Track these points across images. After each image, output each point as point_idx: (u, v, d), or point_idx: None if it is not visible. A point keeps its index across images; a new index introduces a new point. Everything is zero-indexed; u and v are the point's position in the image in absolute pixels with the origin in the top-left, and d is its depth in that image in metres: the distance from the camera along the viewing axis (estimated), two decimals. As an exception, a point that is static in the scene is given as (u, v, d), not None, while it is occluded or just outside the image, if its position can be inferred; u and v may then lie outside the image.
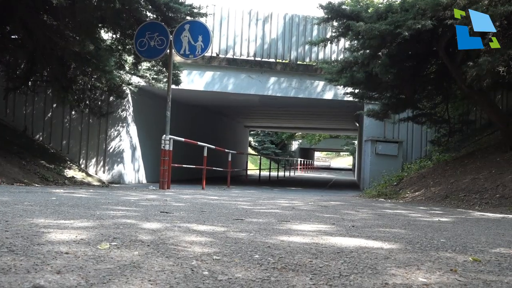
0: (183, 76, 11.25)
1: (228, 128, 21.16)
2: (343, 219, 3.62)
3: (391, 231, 2.92)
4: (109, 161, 11.75)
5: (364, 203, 6.31)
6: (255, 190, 10.45)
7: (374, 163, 12.01)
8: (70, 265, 1.59)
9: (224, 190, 9.33)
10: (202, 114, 17.52)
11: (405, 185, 8.86)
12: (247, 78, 12.47)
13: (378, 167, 11.78)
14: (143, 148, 12.56)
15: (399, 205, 6.25)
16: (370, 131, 12.50)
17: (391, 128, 12.52)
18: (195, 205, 4.31)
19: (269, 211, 4.10)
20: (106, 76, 8.32)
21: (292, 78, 12.50)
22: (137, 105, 12.13)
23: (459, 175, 7.66)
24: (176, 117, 13.71)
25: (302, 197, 7.16)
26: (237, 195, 6.93)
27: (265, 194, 7.85)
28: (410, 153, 12.70)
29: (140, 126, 12.36)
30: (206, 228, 2.65)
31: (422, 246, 2.34)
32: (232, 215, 3.51)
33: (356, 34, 6.98)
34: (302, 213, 4.00)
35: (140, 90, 11.46)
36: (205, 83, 12.41)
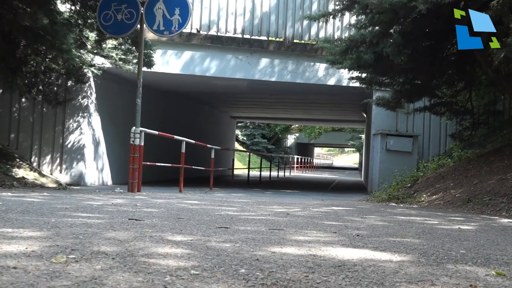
0: (156, 56, 11.20)
1: (211, 119, 21.14)
2: (346, 227, 3.66)
3: (402, 241, 2.96)
4: (67, 159, 11.68)
5: (371, 209, 6.36)
6: (243, 193, 10.46)
7: (384, 161, 12.11)
8: (19, 282, 1.58)
9: (206, 194, 9.32)
10: (179, 102, 17.47)
11: (420, 187, 8.95)
12: (234, 60, 12.47)
13: (389, 166, 11.88)
14: (108, 143, 12.50)
15: (413, 210, 6.31)
16: (379, 123, 12.59)
17: (404, 120, 12.62)
18: (171, 211, 4.31)
19: (259, 217, 4.12)
20: (64, 56, 8.26)
21: (287, 60, 12.52)
22: (101, 92, 12.06)
23: (484, 176, 7.76)
24: (149, 106, 13.65)
25: (298, 202, 7.20)
26: (221, 199, 6.94)
27: (255, 198, 7.87)
28: (426, 149, 12.83)
29: (104, 117, 12.30)
30: (183, 238, 2.66)
31: (438, 258, 2.37)
32: (215, 223, 3.52)
33: (363, 8, 7.01)
34: (298, 220, 4.03)
35: (105, 73, 11.40)
36: (183, 65, 12.38)
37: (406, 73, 8.69)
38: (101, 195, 6.65)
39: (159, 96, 15.61)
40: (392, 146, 12.10)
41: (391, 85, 9.25)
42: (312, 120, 27.37)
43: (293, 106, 19.64)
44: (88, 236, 2.52)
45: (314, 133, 40.98)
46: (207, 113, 20.64)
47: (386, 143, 12.13)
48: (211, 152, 11.65)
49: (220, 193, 10.18)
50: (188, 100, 18.16)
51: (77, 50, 9.31)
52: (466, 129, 10.43)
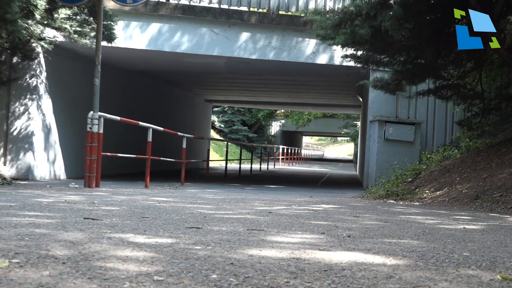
0: (118, 29, 11.10)
1: (182, 103, 21.09)
2: (336, 227, 3.71)
3: (399, 243, 3.02)
4: (13, 149, 11.56)
5: (367, 206, 6.44)
6: (220, 189, 10.49)
7: (382, 152, 12.24)
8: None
9: (176, 189, 9.32)
10: (145, 83, 17.38)
11: (423, 182, 9.08)
12: (209, 34, 12.42)
13: (388, 158, 12.02)
14: (61, 131, 12.40)
15: (414, 208, 6.41)
16: (377, 108, 12.70)
17: (405, 105, 12.76)
18: (134, 210, 4.32)
19: (236, 216, 4.16)
20: (7, 27, 8.14)
21: (271, 35, 12.52)
22: (52, 70, 11.93)
23: (495, 169, 7.91)
24: (109, 87, 13.54)
25: (283, 199, 7.26)
26: (193, 196, 6.96)
27: (233, 195, 7.91)
28: (430, 138, 13.00)
29: (57, 100, 12.19)
30: (147, 239, 2.68)
31: (438, 262, 2.43)
32: (185, 222, 3.55)
33: (358, -26, 7.02)
34: (281, 220, 4.07)
35: (58, 49, 11.28)
36: (149, 40, 12.30)
37: (407, 51, 8.76)
38: (53, 191, 6.61)
39: (121, 76, 15.49)
40: (391, 135, 12.23)
41: (390, 65, 9.32)
42: (300, 105, 27.47)
43: (278, 88, 19.66)
44: (36, 237, 2.52)
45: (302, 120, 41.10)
46: (178, 96, 20.57)
47: (384, 131, 12.25)
48: (182, 141, 11.63)
49: (193, 188, 10.18)
50: (155, 81, 18.06)
51: (24, 21, 9.17)
52: (475, 116, 10.58)
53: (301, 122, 41.16)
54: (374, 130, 12.54)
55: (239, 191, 9.84)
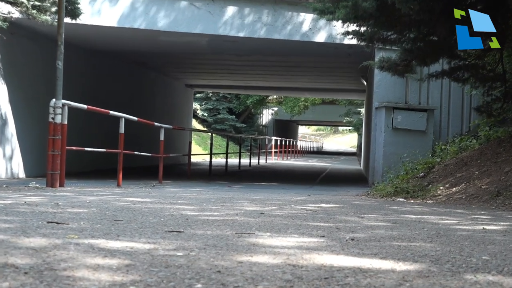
0: (84, 3, 11.04)
1: (159, 88, 21.03)
2: (338, 230, 3.74)
3: (409, 246, 3.05)
4: (-37, 143, 11.48)
5: (372, 206, 6.47)
6: (204, 187, 10.49)
7: (390, 143, 12.29)
8: None
9: (153, 188, 9.31)
10: (116, 66, 17.31)
11: (437, 177, 9.14)
12: (190, 9, 12.38)
13: (397, 149, 12.06)
14: (19, 122, 12.34)
15: (426, 207, 6.45)
16: (384, 93, 12.75)
17: (416, 89, 12.81)
18: (105, 212, 4.33)
19: (223, 218, 4.18)
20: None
21: (261, 9, 12.50)
22: (7, 51, 11.85)
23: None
24: (74, 71, 13.49)
25: (277, 198, 7.29)
26: (173, 196, 6.96)
27: (219, 194, 7.92)
28: (445, 127, 13.07)
29: (13, 86, 12.12)
30: (121, 245, 2.69)
31: (454, 267, 2.46)
32: (164, 226, 3.56)
33: None
34: (275, 221, 4.09)
35: (13, 26, 11.20)
36: (120, 16, 12.24)
37: (417, 27, 8.77)
38: (10, 192, 6.58)
39: (88, 58, 15.42)
40: (400, 124, 12.28)
41: (398, 43, 9.33)
42: (295, 90, 27.46)
43: (269, 71, 19.65)
44: (-8, 244, 2.52)
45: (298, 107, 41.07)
46: (154, 81, 20.50)
47: (392, 119, 12.29)
48: (160, 133, 11.61)
49: (173, 187, 10.17)
50: (128, 63, 18.00)
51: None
52: (495, 101, 10.62)
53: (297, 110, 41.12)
54: (381, 118, 12.58)
55: (226, 190, 9.83)
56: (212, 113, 37.47)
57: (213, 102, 37.54)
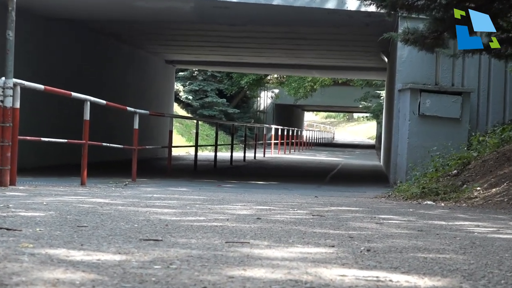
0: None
1: (133, 65, 20.96)
2: (351, 238, 3.76)
3: (437, 258, 3.06)
4: None
5: (394, 209, 6.48)
6: (188, 186, 10.49)
7: (416, 134, 12.26)
8: None
9: (125, 188, 9.30)
10: (80, 38, 17.24)
11: (473, 176, 9.15)
12: (171, -34, 12.33)
13: (424, 141, 12.04)
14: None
15: (459, 212, 6.45)
16: (409, 72, 12.71)
17: (448, 67, 12.79)
18: (66, 216, 4.33)
19: (211, 224, 4.19)
20: None
21: (259, -33, 12.46)
22: None
23: None
24: (27, 42, 13.42)
25: (277, 200, 7.28)
26: (150, 197, 6.95)
27: (206, 194, 7.91)
28: (483, 114, 13.05)
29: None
30: (85, 256, 2.69)
31: (491, 283, 2.48)
32: (139, 233, 3.57)
33: None
34: (274, 228, 4.11)
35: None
36: (85, -25, 12.18)
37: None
38: (-50, 191, 6.56)
39: (46, 28, 15.36)
40: (429, 110, 12.24)
41: (427, 10, 9.31)
42: (300, 68, 27.40)
43: (269, 44, 19.60)
44: None
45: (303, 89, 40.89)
46: (127, 56, 20.44)
47: (419, 104, 12.25)
48: (134, 120, 11.57)
49: (150, 186, 10.15)
50: (95, 34, 17.92)
51: None
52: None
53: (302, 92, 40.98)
54: (405, 102, 12.54)
55: (215, 190, 9.81)
56: (198, 95, 37.30)
57: (200, 82, 37.37)
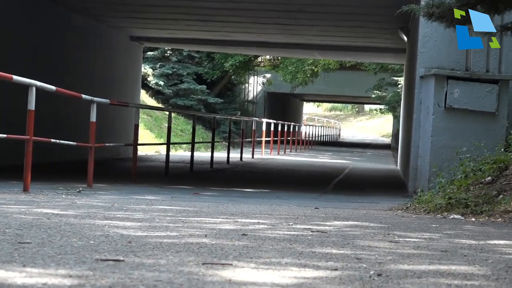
0: None
1: (89, 42, 20.90)
2: (358, 260, 3.76)
3: (464, 286, 3.08)
4: None
5: (413, 225, 6.49)
6: (157, 194, 10.51)
7: (441, 131, 12.26)
8: None
9: (78, 195, 9.29)
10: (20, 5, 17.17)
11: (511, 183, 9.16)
12: None
13: (451, 141, 12.04)
14: None
15: (493, 228, 6.46)
16: (434, 54, 12.72)
17: (482, 50, 12.80)
18: (5, 229, 4.31)
19: (185, 241, 4.21)
20: None
21: None
22: None
23: None
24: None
25: (268, 211, 7.29)
26: (110, 207, 6.95)
27: (181, 204, 7.92)
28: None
29: None
30: (28, 278, 2.68)
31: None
32: (95, 251, 3.56)
33: None
34: (264, 247, 4.12)
35: None
36: None
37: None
38: None
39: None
40: (457, 101, 12.25)
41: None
42: (299, 48, 27.37)
43: (260, 18, 19.62)
44: None
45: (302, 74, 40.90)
46: (82, 31, 20.36)
47: (446, 94, 12.26)
48: (90, 110, 11.53)
49: (110, 193, 10.15)
50: (42, 3, 17.86)
51: None
52: None
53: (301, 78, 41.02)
54: (428, 92, 12.55)
55: (191, 199, 9.81)
56: (171, 81, 37.21)
57: (173, 64, 37.30)
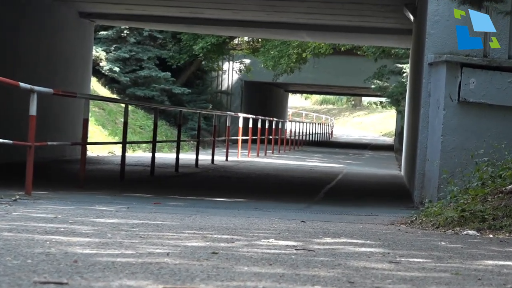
0: None
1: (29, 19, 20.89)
2: (351, 284, 3.78)
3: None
4: None
5: (418, 242, 6.51)
6: (111, 204, 10.54)
7: (454, 130, 12.30)
8: None
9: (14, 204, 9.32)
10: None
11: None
12: None
13: (466, 141, 12.09)
14: None
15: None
16: (445, 37, 12.74)
17: (504, 31, 12.83)
18: None
19: (143, 261, 4.22)
20: None
21: None
22: None
23: None
24: None
25: (244, 225, 7.34)
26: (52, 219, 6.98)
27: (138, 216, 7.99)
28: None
29: None
30: None
31: None
32: (34, 272, 3.55)
33: None
34: (237, 268, 4.11)
35: None
36: None
37: None
38: None
39: None
40: (474, 94, 12.29)
41: None
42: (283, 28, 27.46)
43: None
44: None
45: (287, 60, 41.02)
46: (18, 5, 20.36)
47: (459, 85, 12.30)
48: (30, 102, 11.52)
49: (52, 202, 10.17)
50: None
51: None
52: None
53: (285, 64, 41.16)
54: (439, 82, 12.59)
55: (151, 210, 9.85)
56: (128, 66, 37.30)
57: (131, 47, 37.37)
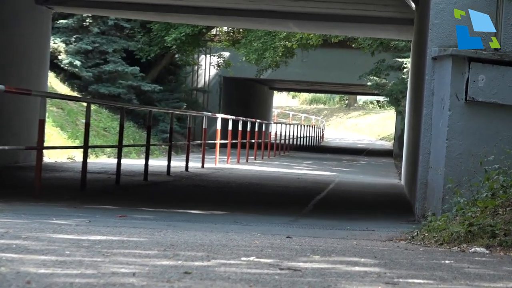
0: None
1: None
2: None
3: None
4: None
5: (419, 260, 6.56)
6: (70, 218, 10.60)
7: (460, 133, 12.36)
8: None
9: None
10: None
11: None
12: None
13: (474, 146, 12.15)
14: None
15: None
16: (451, 28, 12.78)
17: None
18: None
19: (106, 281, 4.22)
20: None
21: None
22: None
23: None
24: None
25: (222, 241, 7.40)
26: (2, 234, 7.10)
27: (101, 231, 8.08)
28: None
29: None
30: None
31: None
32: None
33: None
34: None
35: None
36: None
37: None
38: None
39: None
40: (483, 92, 12.34)
41: None
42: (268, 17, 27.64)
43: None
44: None
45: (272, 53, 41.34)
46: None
47: (467, 82, 12.35)
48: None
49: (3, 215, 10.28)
50: None
51: None
52: None
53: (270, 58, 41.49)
54: (444, 79, 12.66)
55: (116, 224, 9.93)
56: (91, 60, 37.56)
57: (95, 37, 37.62)
